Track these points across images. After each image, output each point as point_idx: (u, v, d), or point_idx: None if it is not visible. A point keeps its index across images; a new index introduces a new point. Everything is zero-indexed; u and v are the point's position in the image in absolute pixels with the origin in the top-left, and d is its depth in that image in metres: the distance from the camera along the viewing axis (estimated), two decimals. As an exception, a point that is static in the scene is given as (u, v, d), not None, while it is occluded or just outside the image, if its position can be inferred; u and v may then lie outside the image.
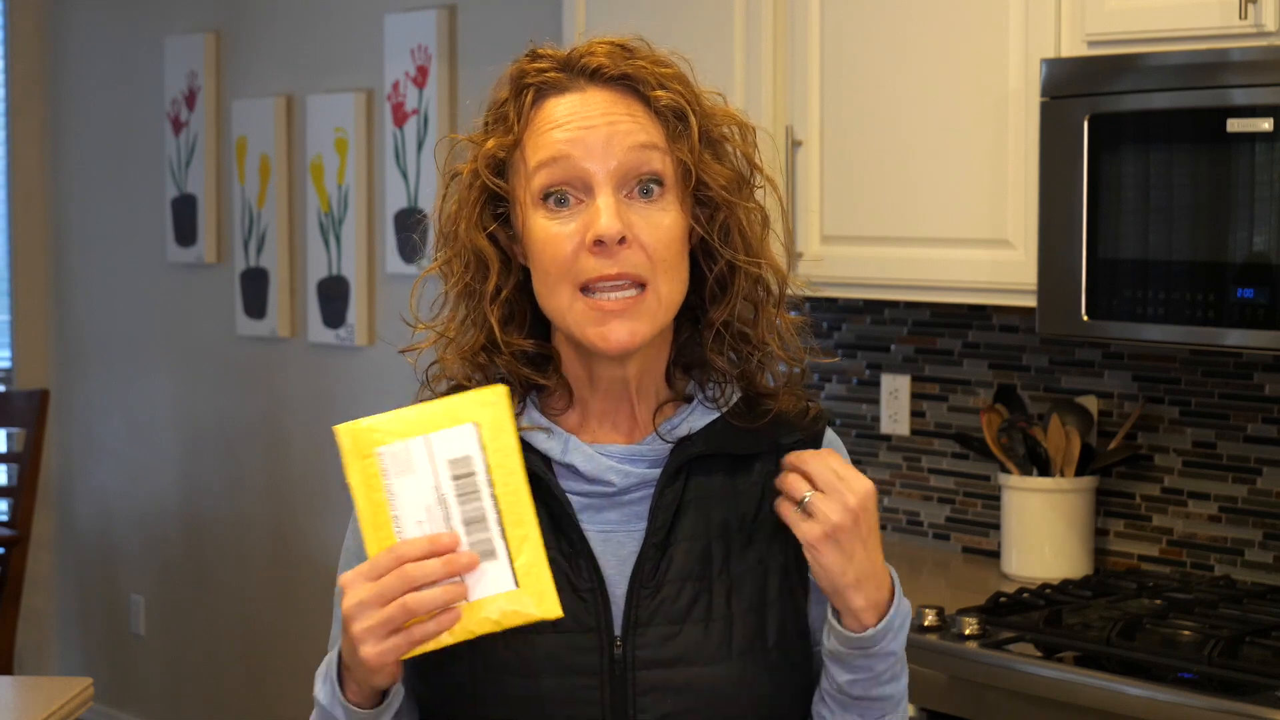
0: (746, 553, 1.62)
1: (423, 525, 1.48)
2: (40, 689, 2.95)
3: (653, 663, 1.57)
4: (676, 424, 1.64)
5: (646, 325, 1.58)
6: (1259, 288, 2.67)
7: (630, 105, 1.60)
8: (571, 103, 1.60)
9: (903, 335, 3.68)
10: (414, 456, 1.49)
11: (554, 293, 1.58)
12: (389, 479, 1.49)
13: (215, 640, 5.47)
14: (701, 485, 1.63)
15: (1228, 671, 2.56)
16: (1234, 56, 2.71)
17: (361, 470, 1.50)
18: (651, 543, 1.60)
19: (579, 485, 1.62)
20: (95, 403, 5.90)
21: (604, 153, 1.57)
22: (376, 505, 1.49)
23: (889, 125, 3.23)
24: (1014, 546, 3.28)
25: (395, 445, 1.49)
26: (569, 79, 1.62)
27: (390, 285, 4.72)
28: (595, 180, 1.57)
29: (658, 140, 1.59)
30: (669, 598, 1.59)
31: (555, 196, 1.58)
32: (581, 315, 1.57)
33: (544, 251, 1.58)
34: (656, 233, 1.57)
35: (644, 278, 1.57)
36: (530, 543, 1.48)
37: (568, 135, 1.58)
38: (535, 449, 1.62)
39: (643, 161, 1.58)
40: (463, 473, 1.48)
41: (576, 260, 1.56)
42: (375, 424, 1.50)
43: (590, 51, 1.63)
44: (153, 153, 5.58)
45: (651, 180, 1.59)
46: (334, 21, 4.94)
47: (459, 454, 1.48)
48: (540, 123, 1.60)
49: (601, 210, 1.56)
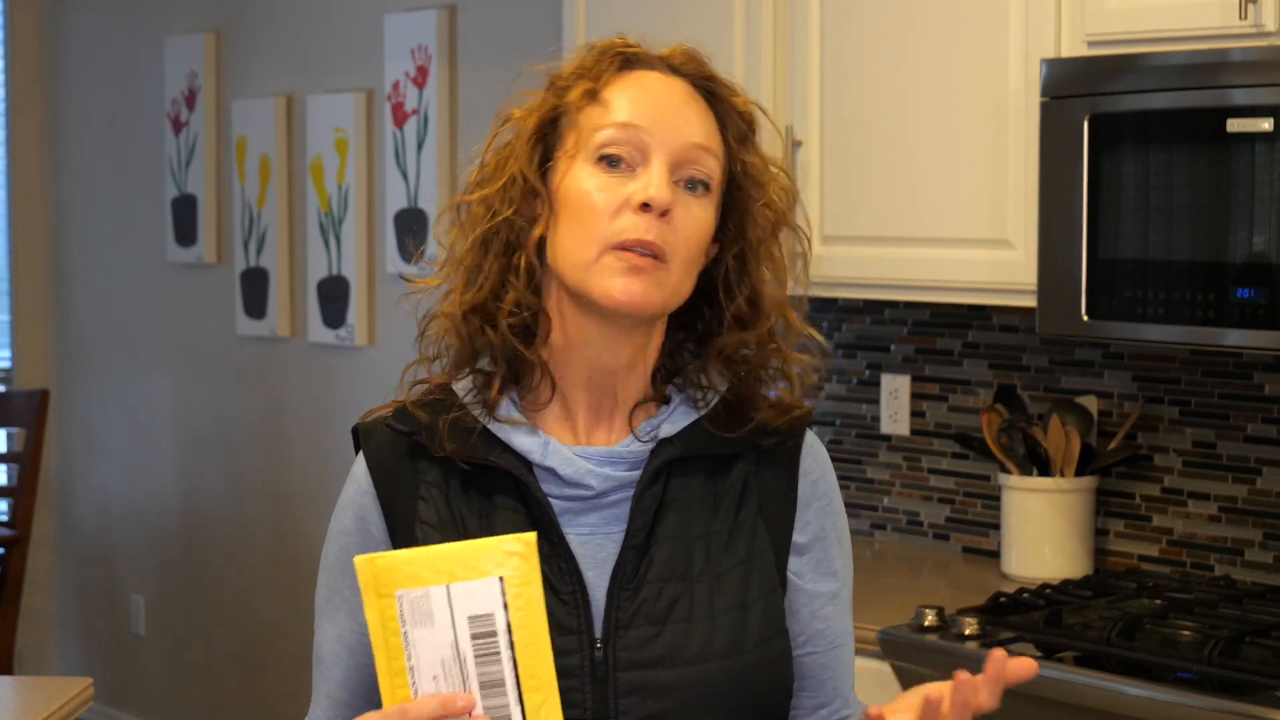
0: (727, 553, 1.63)
1: (438, 681, 1.45)
2: (40, 689, 2.95)
3: (634, 664, 1.57)
4: (655, 425, 1.65)
5: (659, 294, 1.59)
6: (1259, 288, 2.67)
7: (702, 108, 1.65)
8: (654, 80, 1.64)
9: (903, 335, 3.68)
10: (434, 606, 1.45)
11: (582, 244, 1.59)
12: (407, 626, 1.46)
13: (215, 640, 5.47)
14: (681, 487, 1.63)
15: (1228, 671, 2.56)
16: (1234, 56, 2.71)
17: (380, 610, 1.46)
18: (631, 544, 1.60)
19: (558, 489, 1.62)
20: (95, 403, 5.90)
21: (671, 136, 1.61)
22: (393, 650, 1.46)
23: (889, 125, 3.23)
24: (1014, 546, 3.28)
25: (416, 592, 1.45)
26: (655, 60, 1.67)
27: (390, 285, 4.72)
28: (653, 153, 1.60)
29: (716, 148, 1.64)
30: (649, 599, 1.59)
31: (610, 159, 1.61)
32: (607, 269, 1.58)
33: (584, 203, 1.60)
34: (690, 222, 1.61)
35: (668, 255, 1.59)
36: (548, 707, 1.45)
37: (642, 108, 1.62)
38: (514, 450, 1.62)
39: (699, 159, 1.62)
40: (483, 631, 1.45)
41: (616, 218, 1.58)
42: (397, 562, 1.46)
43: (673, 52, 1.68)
44: (153, 153, 5.58)
45: (700, 180, 1.62)
46: (334, 21, 4.94)
47: (481, 610, 1.45)
48: (623, 85, 1.64)
49: (655, 177, 1.59)
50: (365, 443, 1.67)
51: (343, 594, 1.66)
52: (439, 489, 1.63)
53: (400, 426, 1.65)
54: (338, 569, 1.67)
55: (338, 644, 1.66)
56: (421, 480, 1.64)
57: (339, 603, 1.66)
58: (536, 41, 4.02)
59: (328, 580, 1.68)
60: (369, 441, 1.67)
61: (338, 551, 1.67)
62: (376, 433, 1.67)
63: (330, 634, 1.67)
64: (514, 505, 1.61)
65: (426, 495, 1.63)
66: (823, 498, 1.71)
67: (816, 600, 1.68)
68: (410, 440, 1.64)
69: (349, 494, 1.68)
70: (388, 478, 1.65)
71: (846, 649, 1.71)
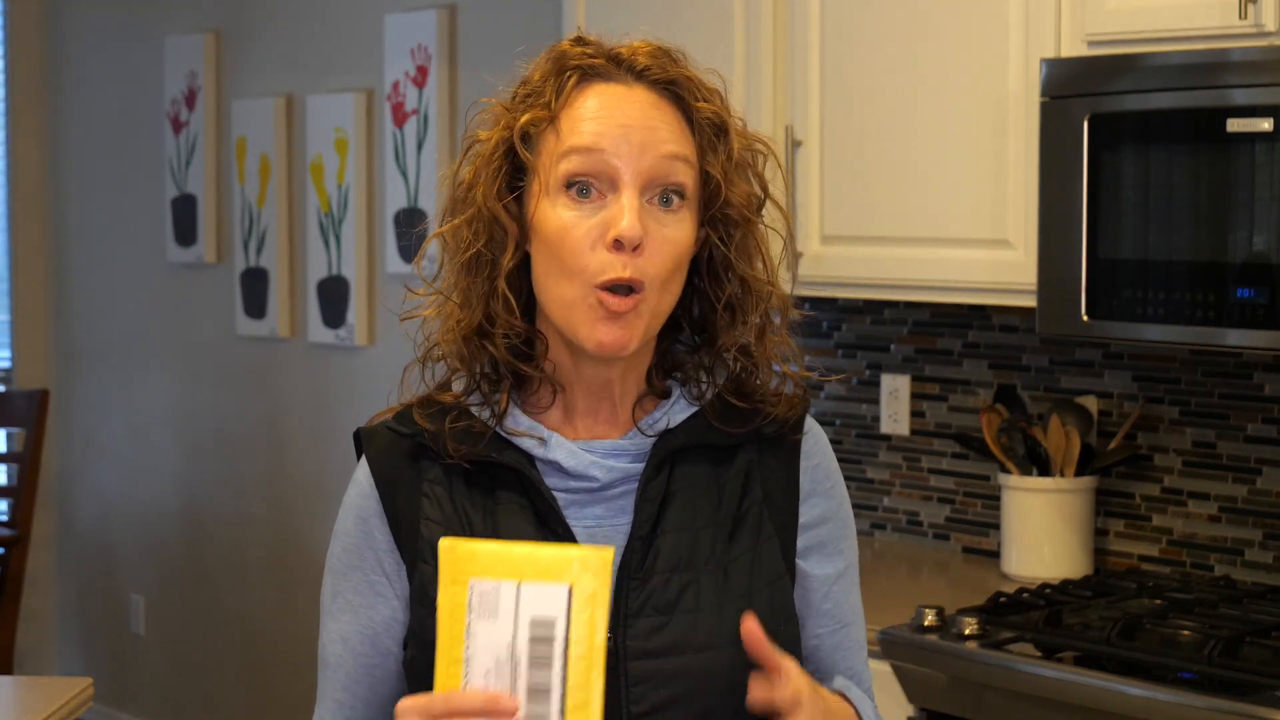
0: (733, 542, 1.64)
1: (489, 676, 1.46)
2: (40, 689, 2.95)
3: (644, 653, 1.58)
4: (657, 418, 1.66)
5: (640, 332, 1.59)
6: (1259, 288, 2.67)
7: (669, 113, 1.61)
8: (614, 95, 1.60)
9: (903, 335, 3.68)
10: (502, 601, 1.46)
11: (563, 282, 1.58)
12: (471, 615, 1.47)
13: (215, 640, 5.47)
14: (686, 476, 1.64)
15: (1228, 671, 2.56)
16: (1234, 56, 2.71)
17: (451, 596, 1.47)
18: (638, 535, 1.61)
19: (563, 482, 1.63)
20: (95, 403, 5.90)
21: (637, 155, 1.58)
22: (454, 637, 1.47)
23: (889, 125, 3.23)
24: (1014, 546, 3.28)
25: (488, 584, 1.46)
26: (616, 70, 1.62)
27: (390, 285, 4.72)
28: (622, 179, 1.57)
29: (688, 153, 1.60)
30: (657, 588, 1.60)
31: (579, 186, 1.58)
32: (590, 311, 1.57)
33: (561, 240, 1.58)
34: (666, 246, 1.58)
35: (645, 284, 1.58)
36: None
37: (604, 128, 1.58)
38: (517, 446, 1.63)
39: (671, 171, 1.59)
40: (542, 635, 1.46)
41: (594, 254, 1.57)
42: (479, 550, 1.48)
43: (635, 51, 1.63)
44: (153, 153, 5.58)
45: (674, 191, 1.59)
46: (334, 21, 4.94)
47: (544, 614, 1.46)
48: (579, 107, 1.60)
49: (626, 211, 1.56)
50: (367, 446, 1.68)
51: (345, 595, 1.66)
52: (443, 486, 1.64)
53: (402, 429, 1.66)
54: (340, 570, 1.67)
55: (341, 645, 1.66)
56: (424, 479, 1.64)
57: (342, 604, 1.67)
58: (536, 42, 4.02)
59: (332, 581, 1.68)
60: (371, 445, 1.67)
61: (340, 553, 1.68)
62: (378, 436, 1.67)
63: (334, 635, 1.67)
64: (518, 500, 1.62)
65: (430, 493, 1.64)
66: (825, 481, 1.72)
67: (825, 583, 1.70)
68: (412, 441, 1.65)
69: (351, 497, 1.68)
70: (390, 480, 1.65)
71: (857, 626, 1.74)
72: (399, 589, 1.64)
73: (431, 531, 1.62)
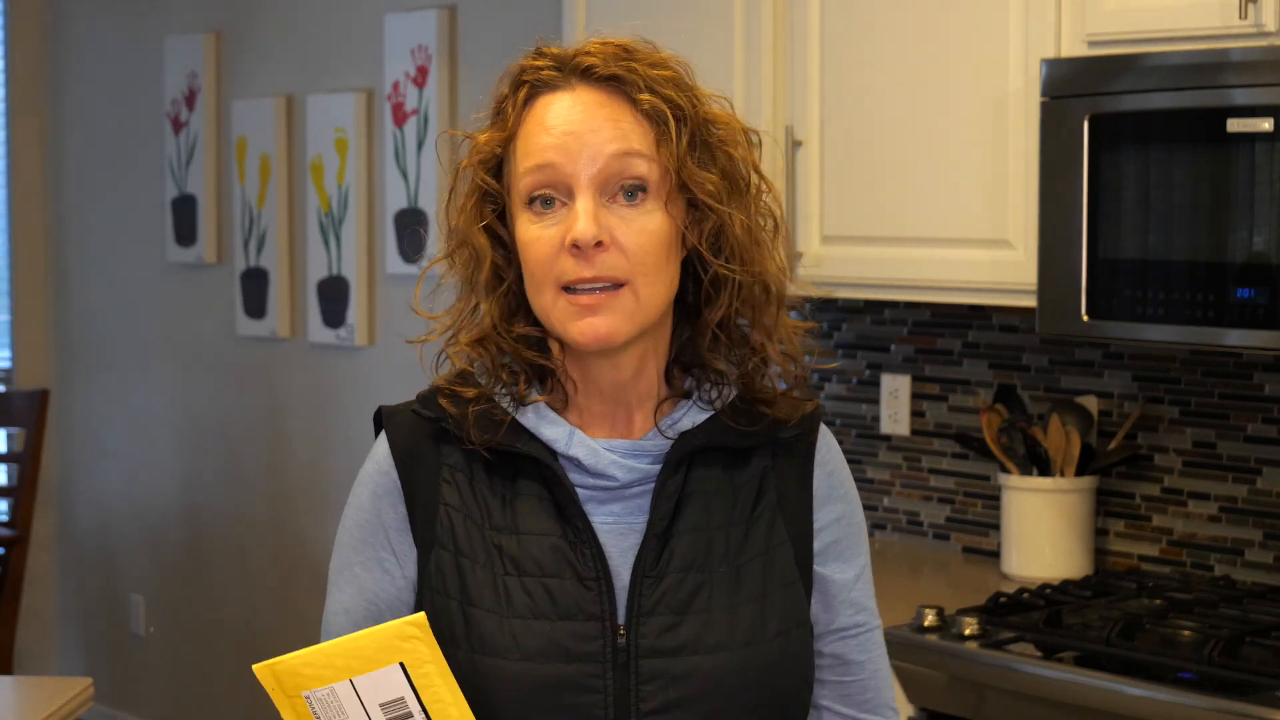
0: (747, 544, 1.65)
1: None
2: (40, 689, 2.95)
3: (655, 651, 1.59)
4: (677, 419, 1.67)
5: (625, 322, 1.60)
6: (1259, 288, 2.67)
7: (617, 108, 1.62)
8: (561, 104, 1.62)
9: (903, 335, 3.68)
10: (344, 701, 1.47)
11: (538, 292, 1.61)
12: None
13: (215, 640, 5.47)
14: (702, 478, 1.66)
15: (1228, 671, 2.56)
16: (1234, 56, 2.71)
17: (294, 710, 1.48)
18: (654, 533, 1.62)
19: (582, 478, 1.64)
20: (95, 403, 5.90)
21: (586, 159, 1.59)
22: None
23: (889, 125, 3.23)
24: (1014, 546, 3.28)
25: (322, 691, 1.46)
26: (562, 77, 1.64)
27: (390, 285, 4.72)
28: (577, 185, 1.59)
29: (642, 146, 1.61)
30: (671, 588, 1.61)
31: (540, 199, 1.61)
32: (563, 312, 1.60)
33: (528, 252, 1.61)
34: (638, 237, 1.59)
35: (621, 279, 1.59)
36: None
37: (553, 141, 1.60)
38: (540, 439, 1.64)
39: (624, 168, 1.60)
40: (399, 714, 1.48)
41: (557, 261, 1.59)
42: (297, 665, 1.47)
43: (587, 50, 1.64)
44: (153, 153, 5.58)
45: (635, 185, 1.61)
46: (334, 21, 4.94)
47: (390, 696, 1.47)
48: (531, 124, 1.63)
49: (580, 215, 1.58)
50: (388, 423, 1.69)
51: (353, 568, 1.67)
52: (463, 473, 1.65)
53: (426, 412, 1.67)
54: (349, 543, 1.68)
55: (344, 616, 1.67)
56: (444, 463, 1.65)
57: (349, 576, 1.68)
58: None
59: (340, 554, 1.69)
60: (392, 422, 1.69)
61: (352, 527, 1.69)
62: (400, 414, 1.69)
63: (338, 606, 1.68)
64: (539, 492, 1.63)
65: (450, 479, 1.65)
66: (839, 486, 1.76)
67: (845, 588, 1.72)
68: (435, 425, 1.66)
69: (367, 471, 1.69)
70: (409, 458, 1.66)
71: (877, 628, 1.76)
72: (407, 570, 1.65)
73: (451, 518, 1.63)
